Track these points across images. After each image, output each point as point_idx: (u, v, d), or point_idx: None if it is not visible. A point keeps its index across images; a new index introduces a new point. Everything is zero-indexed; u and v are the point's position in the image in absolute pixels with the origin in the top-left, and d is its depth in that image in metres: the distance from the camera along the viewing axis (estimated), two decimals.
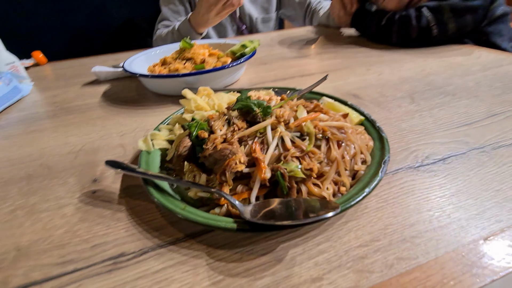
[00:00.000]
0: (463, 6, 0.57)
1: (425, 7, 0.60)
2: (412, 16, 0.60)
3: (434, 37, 0.60)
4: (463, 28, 0.60)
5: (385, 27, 0.64)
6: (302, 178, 0.24)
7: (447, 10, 0.58)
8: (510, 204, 0.24)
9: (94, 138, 0.40)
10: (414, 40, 0.62)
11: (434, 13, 0.59)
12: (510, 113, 0.36)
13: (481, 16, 0.60)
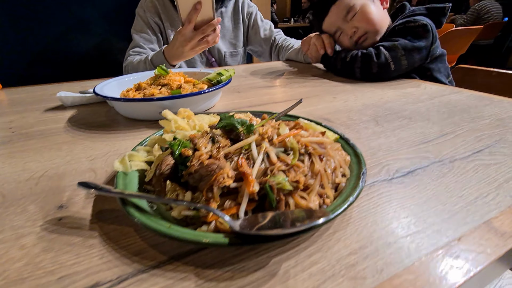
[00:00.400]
0: (411, 46, 0.68)
1: (381, 46, 0.69)
2: (373, 53, 0.69)
3: (391, 71, 0.69)
4: (412, 64, 0.70)
5: (349, 64, 0.73)
6: (289, 190, 0.24)
7: (400, 49, 0.68)
8: (473, 207, 0.26)
9: (58, 164, 0.37)
10: (374, 75, 0.70)
11: (390, 52, 0.68)
12: (457, 132, 0.42)
13: (425, 55, 0.71)
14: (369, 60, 0.69)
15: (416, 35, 0.69)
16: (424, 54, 0.70)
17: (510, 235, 0.23)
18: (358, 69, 0.71)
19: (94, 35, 1.19)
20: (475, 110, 0.51)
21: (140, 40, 0.98)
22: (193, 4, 0.67)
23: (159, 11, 1.01)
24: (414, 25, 0.69)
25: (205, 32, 0.73)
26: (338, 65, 0.77)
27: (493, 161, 0.34)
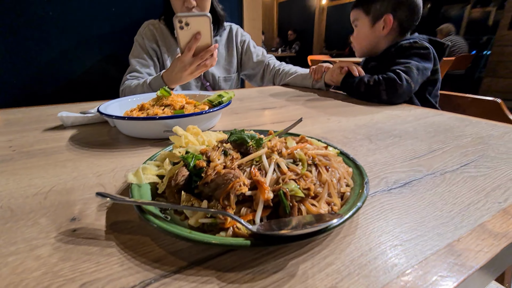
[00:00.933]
0: (422, 67, 0.77)
1: (398, 70, 0.76)
2: (395, 77, 0.74)
3: (413, 90, 0.76)
4: (423, 80, 0.79)
5: (374, 87, 0.77)
6: (301, 197, 0.26)
7: (415, 70, 0.75)
8: (467, 212, 0.28)
9: (65, 179, 0.37)
10: (400, 96, 0.75)
11: (408, 74, 0.75)
12: (445, 149, 0.45)
13: (429, 75, 0.80)
14: (394, 83, 0.74)
15: (422, 56, 0.78)
16: (429, 74, 0.79)
17: (503, 235, 0.25)
18: (385, 91, 0.76)
19: (91, 58, 1.22)
20: (457, 130, 0.55)
21: (137, 65, 1.02)
22: (193, 34, 0.72)
23: (157, 38, 1.06)
24: (420, 46, 0.78)
25: (203, 58, 0.77)
26: (361, 88, 0.80)
27: (479, 173, 0.37)
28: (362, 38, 0.89)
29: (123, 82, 1.00)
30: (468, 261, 0.22)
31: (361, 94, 0.82)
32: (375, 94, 0.78)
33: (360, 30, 0.88)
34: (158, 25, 1.07)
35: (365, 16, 0.87)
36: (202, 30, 0.72)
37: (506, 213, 0.28)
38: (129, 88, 0.94)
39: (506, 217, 0.28)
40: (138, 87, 0.91)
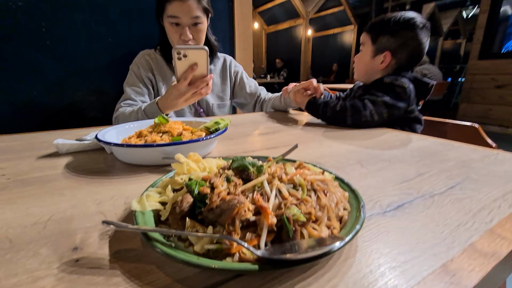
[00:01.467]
0: (392, 104, 0.81)
1: (367, 99, 0.81)
2: (360, 105, 0.80)
3: (375, 122, 0.81)
4: (392, 117, 0.83)
5: (340, 112, 0.83)
6: (303, 221, 0.27)
7: (382, 105, 0.80)
8: (457, 233, 0.30)
9: (64, 208, 0.36)
10: (362, 123, 0.80)
11: (374, 105, 0.80)
12: (431, 172, 0.48)
13: (402, 113, 0.84)
14: (358, 110, 0.80)
15: (397, 95, 0.82)
16: (401, 112, 0.83)
17: (491, 254, 0.27)
18: (350, 117, 0.81)
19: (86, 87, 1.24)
20: (441, 154, 0.59)
21: (131, 93, 1.04)
22: (190, 65, 0.76)
23: (152, 67, 1.10)
24: (398, 84, 0.82)
25: (199, 87, 0.80)
26: (328, 112, 0.85)
27: (465, 195, 0.40)
28: (362, 64, 0.94)
29: (117, 109, 1.01)
30: (462, 281, 0.23)
31: (327, 118, 0.87)
32: (341, 119, 0.83)
33: (363, 55, 0.92)
34: (154, 55, 1.12)
35: (371, 44, 0.90)
36: (199, 62, 0.76)
37: (492, 233, 0.30)
38: (123, 115, 0.95)
39: (493, 237, 0.29)
40: (133, 114, 0.92)
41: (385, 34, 0.87)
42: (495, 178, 0.46)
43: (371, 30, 0.91)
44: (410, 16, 0.85)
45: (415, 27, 0.84)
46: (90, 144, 0.62)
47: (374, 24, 0.91)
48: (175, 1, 0.94)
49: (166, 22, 0.99)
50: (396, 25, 0.86)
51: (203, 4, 0.98)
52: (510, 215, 0.34)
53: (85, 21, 1.18)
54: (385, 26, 0.87)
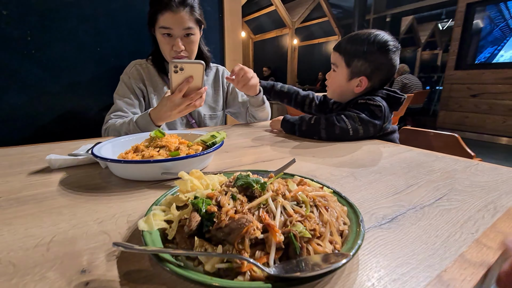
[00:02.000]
0: (367, 120, 0.83)
1: (343, 114, 0.84)
2: (335, 119, 0.83)
3: (349, 136, 0.84)
4: (367, 134, 0.85)
5: (314, 125, 0.86)
6: (308, 238, 0.28)
7: (358, 120, 0.83)
8: (448, 244, 0.33)
9: (65, 228, 0.36)
10: (336, 136, 0.83)
11: (349, 119, 0.83)
12: (419, 183, 0.51)
13: (378, 129, 0.86)
14: (332, 123, 0.83)
15: (372, 113, 0.85)
16: (377, 129, 0.86)
17: (480, 264, 0.29)
18: (324, 130, 0.84)
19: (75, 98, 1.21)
20: (426, 165, 0.62)
21: (122, 105, 1.03)
22: (185, 77, 0.77)
23: (143, 78, 1.09)
24: (373, 103, 0.85)
25: (193, 99, 0.81)
26: (303, 126, 0.88)
27: (452, 206, 0.43)
28: (337, 85, 0.96)
29: (107, 121, 1.00)
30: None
31: (302, 132, 0.89)
32: (315, 131, 0.86)
33: (337, 77, 0.94)
34: (146, 65, 1.11)
35: (345, 67, 0.91)
36: (195, 75, 0.77)
37: (479, 243, 0.33)
38: (114, 126, 0.94)
39: (480, 247, 0.32)
40: (124, 125, 0.91)
41: (359, 58, 0.87)
42: (477, 189, 0.49)
43: (344, 52, 0.90)
44: (384, 39, 0.86)
45: (389, 51, 0.86)
46: (84, 159, 0.61)
47: (347, 47, 0.90)
48: (167, 12, 0.95)
49: (158, 33, 0.99)
50: (371, 50, 0.86)
51: (195, 15, 0.99)
52: (493, 225, 0.37)
53: (73, 30, 1.16)
54: (359, 50, 0.87)
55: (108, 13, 1.22)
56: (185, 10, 0.95)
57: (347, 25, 6.97)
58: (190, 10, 0.97)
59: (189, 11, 0.97)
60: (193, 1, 0.99)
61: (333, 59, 0.96)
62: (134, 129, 0.88)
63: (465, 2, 4.51)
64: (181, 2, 0.95)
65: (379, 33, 0.88)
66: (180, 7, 0.94)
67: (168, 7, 0.94)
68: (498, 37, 4.33)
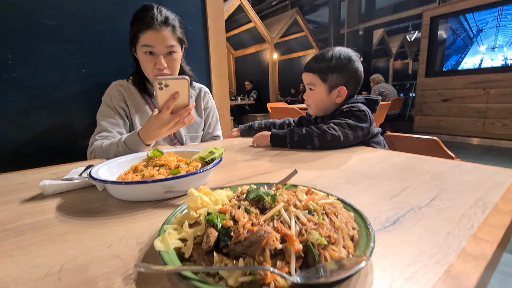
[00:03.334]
0: (355, 125, 0.89)
1: (331, 123, 0.88)
2: (326, 128, 0.87)
3: (341, 142, 0.87)
4: (357, 139, 0.90)
5: (307, 135, 0.89)
6: (324, 245, 0.29)
7: (347, 126, 0.88)
8: (449, 240, 0.35)
9: (73, 255, 0.35)
10: (329, 142, 0.87)
11: (338, 126, 0.87)
12: (413, 186, 0.54)
13: (366, 132, 0.92)
14: (324, 131, 0.87)
15: (358, 118, 0.91)
16: (365, 132, 0.92)
17: (480, 257, 0.31)
18: (316, 138, 0.87)
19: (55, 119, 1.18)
20: (416, 168, 0.66)
21: (107, 125, 1.01)
22: (171, 94, 0.77)
23: (125, 98, 1.08)
24: (357, 109, 0.92)
25: (181, 116, 0.81)
26: (295, 137, 0.91)
27: (445, 205, 0.45)
28: (319, 101, 1.02)
29: (92, 143, 0.98)
30: (463, 283, 0.27)
31: (294, 143, 0.91)
32: (308, 141, 0.89)
33: (317, 93, 1.01)
34: (127, 85, 1.11)
35: (322, 83, 0.99)
36: (181, 91, 0.77)
37: (476, 237, 0.35)
38: (101, 148, 0.92)
39: (478, 241, 0.35)
40: (112, 147, 0.89)
41: (333, 72, 0.97)
42: (464, 187, 0.53)
43: (318, 71, 0.99)
44: (348, 52, 0.99)
45: (355, 61, 0.98)
46: (79, 183, 0.59)
47: (318, 65, 0.99)
48: (149, 31, 0.96)
49: (140, 52, 1.00)
50: (341, 62, 0.97)
51: (177, 34, 1.01)
52: (485, 220, 0.40)
53: (57, 52, 1.14)
54: (329, 66, 0.97)
55: (93, 35, 1.22)
56: (167, 29, 0.97)
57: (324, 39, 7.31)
58: (172, 29, 0.99)
59: (171, 30, 0.99)
60: (175, 21, 1.01)
61: (307, 81, 1.03)
62: (123, 150, 0.86)
63: (429, 15, 4.89)
64: (163, 22, 0.96)
65: (340, 48, 1.00)
66: (162, 26, 0.96)
67: (150, 26, 0.95)
68: (460, 46, 4.70)
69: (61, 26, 1.14)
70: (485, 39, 4.45)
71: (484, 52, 4.48)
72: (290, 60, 8.38)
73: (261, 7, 8.60)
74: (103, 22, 1.24)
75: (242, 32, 7.39)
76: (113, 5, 1.26)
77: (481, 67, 4.50)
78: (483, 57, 4.50)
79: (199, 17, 1.56)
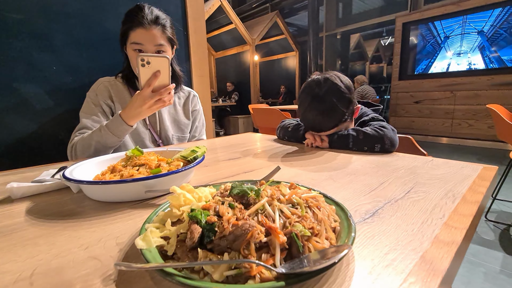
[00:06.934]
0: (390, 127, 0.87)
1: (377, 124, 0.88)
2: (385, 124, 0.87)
3: None
4: None
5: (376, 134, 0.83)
6: (308, 236, 0.30)
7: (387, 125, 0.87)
8: (423, 229, 0.37)
9: (46, 259, 0.33)
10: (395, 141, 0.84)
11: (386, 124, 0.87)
12: (389, 181, 0.57)
13: None
14: (392, 129, 0.85)
15: (380, 120, 0.94)
16: None
17: (451, 243, 0.33)
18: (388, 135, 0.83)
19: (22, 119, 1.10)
20: (392, 164, 0.69)
21: (88, 122, 0.98)
22: (153, 72, 0.80)
23: (111, 94, 1.05)
24: (375, 117, 0.96)
25: (162, 94, 0.84)
26: (360, 135, 0.85)
27: (419, 197, 0.48)
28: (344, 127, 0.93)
29: (72, 139, 0.94)
30: (437, 266, 0.29)
31: (359, 142, 0.84)
32: (379, 139, 0.82)
33: (347, 125, 0.93)
34: (114, 81, 1.08)
35: (343, 123, 0.90)
36: (162, 70, 0.80)
37: (447, 226, 0.38)
38: (82, 140, 0.89)
39: (449, 229, 0.37)
40: (94, 134, 0.87)
41: (342, 112, 0.87)
42: (436, 181, 0.56)
43: (333, 120, 0.88)
44: (337, 85, 0.86)
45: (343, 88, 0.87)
46: (52, 185, 0.56)
47: (330, 117, 0.87)
48: (139, 29, 0.94)
49: (130, 49, 0.98)
50: (340, 99, 0.86)
51: (167, 34, 1.00)
52: (455, 209, 0.43)
53: (24, 48, 1.08)
54: (336, 110, 0.86)
55: (64, 30, 1.16)
56: (157, 28, 0.96)
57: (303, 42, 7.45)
58: (162, 29, 0.98)
59: (161, 29, 0.98)
60: (165, 21, 1.00)
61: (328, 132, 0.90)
62: (105, 134, 0.85)
63: (401, 21, 5.16)
64: (153, 21, 0.95)
65: (323, 81, 0.87)
66: (152, 24, 0.95)
67: (140, 25, 0.94)
68: (430, 51, 4.99)
69: (28, 19, 1.07)
70: (452, 45, 4.76)
71: (451, 57, 4.79)
72: (271, 62, 8.46)
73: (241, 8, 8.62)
74: (76, 18, 1.18)
75: (222, 33, 7.36)
76: None
77: (449, 71, 4.81)
78: (450, 62, 4.81)
79: (179, 16, 1.53)
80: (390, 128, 0.85)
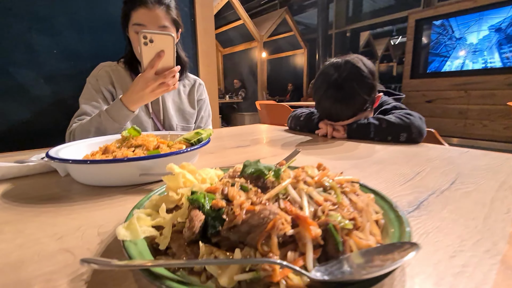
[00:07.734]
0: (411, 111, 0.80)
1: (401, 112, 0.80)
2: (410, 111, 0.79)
3: None
4: None
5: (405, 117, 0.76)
6: (348, 230, 0.22)
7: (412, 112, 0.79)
8: (490, 226, 0.29)
9: (6, 250, 0.26)
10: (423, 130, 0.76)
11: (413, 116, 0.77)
12: (426, 170, 0.48)
13: None
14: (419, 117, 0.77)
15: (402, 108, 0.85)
16: None
17: None
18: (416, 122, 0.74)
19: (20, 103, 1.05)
20: (423, 154, 0.60)
21: (88, 108, 0.91)
22: (157, 52, 0.72)
23: (113, 80, 0.98)
24: (397, 105, 0.86)
25: (166, 77, 0.76)
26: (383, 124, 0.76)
27: (469, 188, 0.39)
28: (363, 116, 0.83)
29: (71, 125, 0.87)
30: None
31: (382, 131, 0.75)
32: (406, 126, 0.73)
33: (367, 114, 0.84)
34: (116, 67, 1.01)
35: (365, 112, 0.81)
36: (166, 49, 0.72)
37: None
38: (81, 126, 0.82)
39: None
40: (93, 119, 0.80)
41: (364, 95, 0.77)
42: (482, 172, 0.47)
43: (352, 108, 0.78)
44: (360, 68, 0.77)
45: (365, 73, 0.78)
46: (35, 166, 0.49)
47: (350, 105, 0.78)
48: (141, 9, 0.87)
49: (132, 31, 0.90)
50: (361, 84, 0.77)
51: (172, 15, 0.92)
52: None
53: (24, 29, 1.02)
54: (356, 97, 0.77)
55: (67, 12, 1.10)
56: (160, 8, 0.88)
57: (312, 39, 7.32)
58: (166, 9, 0.90)
59: (165, 9, 0.90)
60: (170, 1, 0.92)
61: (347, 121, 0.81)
62: (105, 120, 0.78)
63: (414, 18, 5.00)
64: (156, 0, 0.88)
65: (354, 67, 0.77)
66: (155, 4, 0.87)
67: (142, 3, 0.86)
68: (443, 49, 4.82)
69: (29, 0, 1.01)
70: (467, 43, 4.59)
71: (465, 55, 4.62)
72: (279, 59, 8.34)
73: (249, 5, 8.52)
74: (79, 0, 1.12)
75: (230, 29, 7.27)
76: None
77: (463, 70, 4.63)
78: (464, 60, 4.64)
79: (186, 2, 1.46)
80: (417, 116, 0.76)
